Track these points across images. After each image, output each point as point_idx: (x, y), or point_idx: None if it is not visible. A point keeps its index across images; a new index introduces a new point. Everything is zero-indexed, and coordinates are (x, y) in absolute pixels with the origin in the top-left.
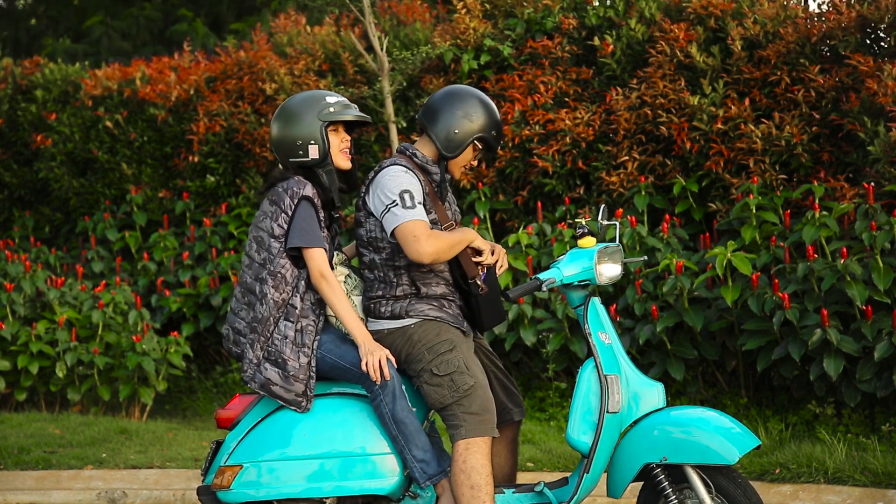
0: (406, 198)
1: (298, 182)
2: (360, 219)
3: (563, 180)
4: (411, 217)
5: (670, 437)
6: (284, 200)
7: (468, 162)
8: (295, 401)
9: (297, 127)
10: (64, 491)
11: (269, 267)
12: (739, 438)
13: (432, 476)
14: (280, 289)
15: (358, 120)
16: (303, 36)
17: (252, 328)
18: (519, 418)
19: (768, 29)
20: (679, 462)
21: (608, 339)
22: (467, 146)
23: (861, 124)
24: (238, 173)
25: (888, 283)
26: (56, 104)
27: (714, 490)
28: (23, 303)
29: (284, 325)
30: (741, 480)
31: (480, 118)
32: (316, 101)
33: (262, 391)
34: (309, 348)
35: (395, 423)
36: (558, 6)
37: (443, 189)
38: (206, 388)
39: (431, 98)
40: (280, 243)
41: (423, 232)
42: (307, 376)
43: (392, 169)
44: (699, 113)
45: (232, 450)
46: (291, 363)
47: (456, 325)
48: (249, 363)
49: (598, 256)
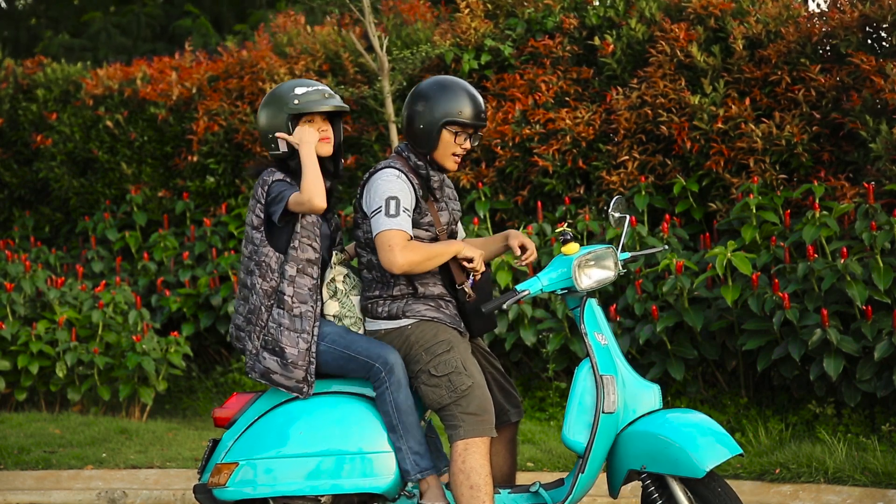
0: (391, 205)
1: (269, 171)
2: (358, 220)
3: (563, 180)
4: (390, 226)
5: (648, 446)
6: (258, 190)
7: (455, 149)
8: (296, 387)
9: (268, 120)
10: (64, 491)
11: (255, 258)
12: (710, 449)
13: (424, 469)
14: (267, 277)
15: (330, 110)
16: (303, 36)
17: (248, 320)
18: (516, 419)
19: (770, 28)
20: (655, 472)
21: (604, 339)
22: (438, 135)
23: (863, 123)
24: (238, 173)
25: (888, 283)
26: (57, 104)
27: (692, 499)
28: (23, 303)
29: (278, 313)
30: (721, 489)
31: (441, 103)
32: (284, 93)
33: (262, 380)
34: (308, 334)
35: (397, 411)
36: (559, 6)
37: (432, 187)
38: (206, 388)
39: (403, 109)
40: (260, 233)
41: (398, 242)
42: (307, 362)
43: (384, 173)
44: (699, 112)
45: (228, 448)
46: (290, 350)
47: (453, 325)
48: (249, 354)
49: (577, 263)
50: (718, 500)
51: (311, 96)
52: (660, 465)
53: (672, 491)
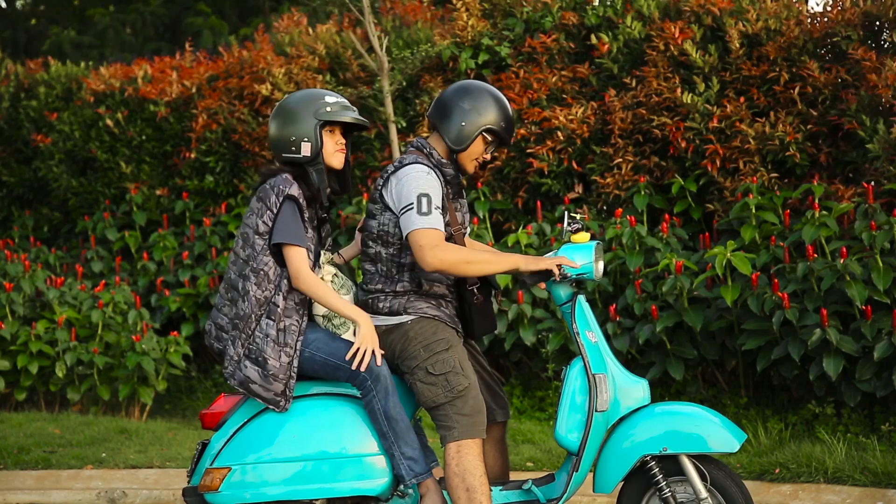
0: (423, 202)
1: (285, 180)
2: (374, 211)
3: (560, 179)
4: (424, 225)
5: (669, 428)
6: (270, 198)
7: (479, 155)
8: (273, 400)
9: (293, 124)
10: (64, 491)
11: (252, 264)
12: (733, 430)
13: (419, 475)
14: (262, 286)
15: (355, 123)
16: (304, 36)
17: (234, 325)
18: (503, 419)
19: (770, 26)
20: (680, 452)
21: (594, 337)
22: (476, 138)
23: (860, 122)
24: (237, 173)
25: (888, 283)
26: (59, 101)
27: (709, 481)
28: (22, 302)
29: (266, 324)
30: (733, 474)
31: (488, 109)
32: (314, 99)
33: (241, 389)
34: (291, 348)
35: (386, 419)
36: (557, 5)
37: (453, 186)
38: (205, 387)
39: (442, 94)
40: (264, 240)
41: (432, 242)
42: (287, 376)
43: (414, 168)
44: (692, 112)
45: (218, 451)
46: (272, 362)
47: (452, 325)
48: (230, 360)
49: (595, 251)
50: (734, 482)
51: (341, 105)
52: (687, 445)
53: (686, 473)
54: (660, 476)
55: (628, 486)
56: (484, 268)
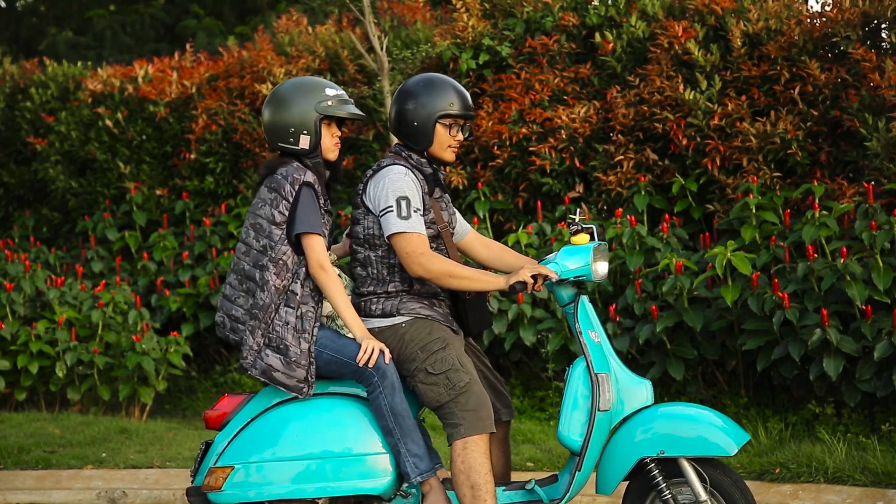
0: (403, 205)
1: (298, 169)
2: (358, 216)
3: (561, 178)
4: (404, 229)
5: (667, 431)
6: (284, 187)
7: (451, 140)
8: (297, 387)
9: (291, 113)
10: (64, 491)
11: (269, 254)
12: (734, 432)
13: (424, 472)
14: (282, 275)
15: (355, 117)
16: (304, 36)
17: (252, 315)
18: (507, 418)
19: (771, 25)
20: (677, 455)
21: (597, 337)
22: (433, 130)
23: (861, 121)
24: (237, 174)
25: (888, 283)
26: (55, 101)
27: (709, 484)
28: (23, 302)
29: (285, 312)
30: (735, 476)
31: (431, 99)
32: (315, 90)
33: (263, 378)
34: (309, 334)
35: (392, 415)
36: (558, 5)
37: (440, 181)
38: (205, 387)
39: (391, 105)
40: (281, 230)
41: (417, 250)
42: (308, 362)
43: (392, 170)
44: (694, 109)
45: (222, 450)
46: (293, 349)
47: (446, 323)
48: (249, 350)
49: (593, 253)
50: (734, 483)
51: (341, 99)
52: (684, 448)
53: (686, 475)
54: (660, 478)
55: (631, 487)
56: (465, 284)
